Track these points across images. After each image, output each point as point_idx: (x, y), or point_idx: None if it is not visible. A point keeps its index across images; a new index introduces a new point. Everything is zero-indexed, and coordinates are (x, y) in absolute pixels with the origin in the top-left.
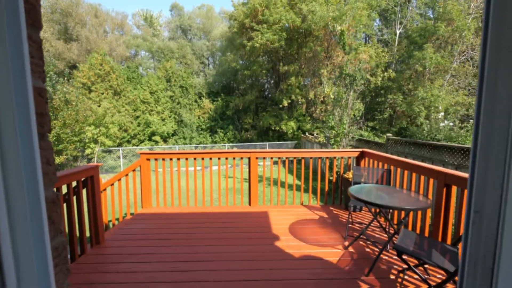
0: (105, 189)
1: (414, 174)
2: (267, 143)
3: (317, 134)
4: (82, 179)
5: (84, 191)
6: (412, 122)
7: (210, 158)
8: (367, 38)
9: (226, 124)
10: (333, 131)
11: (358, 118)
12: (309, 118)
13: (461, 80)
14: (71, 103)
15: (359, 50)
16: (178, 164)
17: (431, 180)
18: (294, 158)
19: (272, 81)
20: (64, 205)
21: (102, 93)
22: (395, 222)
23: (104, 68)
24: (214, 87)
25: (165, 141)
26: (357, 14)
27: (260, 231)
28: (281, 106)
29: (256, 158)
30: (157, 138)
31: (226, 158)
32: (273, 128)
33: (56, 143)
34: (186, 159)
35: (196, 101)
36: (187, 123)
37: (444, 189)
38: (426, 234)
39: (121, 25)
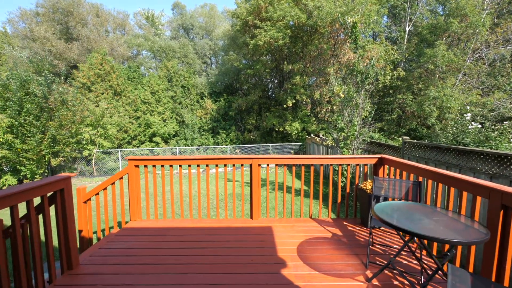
0: (89, 199)
1: (452, 189)
2: (270, 144)
3: (323, 135)
4: (49, 194)
5: (62, 204)
6: (422, 123)
7: (207, 165)
8: (375, 36)
9: (229, 125)
10: (343, 133)
11: (369, 119)
12: (314, 118)
13: (474, 79)
14: (67, 104)
15: (368, 47)
16: (171, 172)
17: (478, 199)
18: (302, 165)
19: (276, 81)
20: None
21: (102, 93)
22: (434, 251)
23: (104, 68)
24: (216, 87)
25: (166, 142)
26: (366, 9)
27: (263, 253)
28: (285, 106)
29: (259, 165)
30: (158, 139)
31: (225, 165)
32: (276, 129)
33: (52, 144)
34: (180, 165)
35: (198, 102)
36: (188, 124)
37: (501, 212)
38: (471, 268)
39: (122, 24)
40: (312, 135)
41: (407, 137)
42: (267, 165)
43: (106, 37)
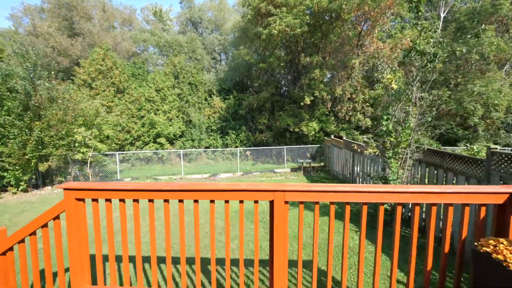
0: (11, 249)
1: None
2: (284, 146)
3: (365, 141)
4: None
5: None
6: (460, 123)
7: (195, 201)
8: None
9: (239, 125)
10: (391, 139)
11: (430, 119)
12: (333, 118)
13: None
14: (56, 101)
15: (404, 34)
16: (135, 210)
17: None
18: (365, 203)
19: (290, 77)
20: None
21: (104, 91)
22: None
23: (106, 64)
24: (225, 84)
25: (171, 143)
26: None
27: None
28: (302, 104)
29: (286, 202)
30: (162, 140)
31: (227, 201)
32: (291, 130)
33: (40, 148)
34: (151, 200)
35: (206, 99)
36: (195, 124)
37: None
38: None
39: (129, 20)
40: (332, 137)
41: (497, 147)
42: (301, 202)
43: (110, 31)
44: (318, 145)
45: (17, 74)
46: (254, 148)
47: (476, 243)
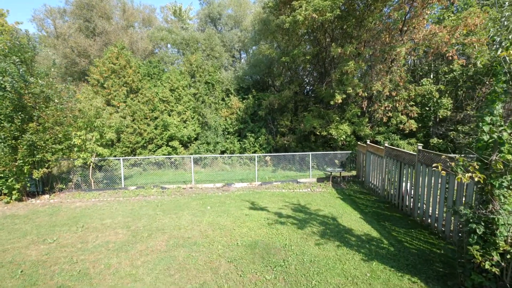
0: None
1: None
2: (309, 153)
3: (449, 157)
4: None
5: None
6: None
7: None
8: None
9: (258, 127)
10: (507, 155)
11: None
12: (367, 119)
13: None
14: (53, 100)
15: (469, 12)
16: None
17: None
18: None
19: (316, 73)
20: None
21: (116, 90)
22: None
23: (119, 63)
24: (244, 82)
25: (185, 146)
26: None
27: None
28: (332, 103)
29: None
30: (175, 143)
31: None
32: (318, 133)
33: (34, 152)
34: None
35: (223, 99)
36: (211, 126)
37: None
38: None
39: (148, 19)
40: (368, 142)
41: None
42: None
43: (126, 30)
44: (350, 152)
45: (3, 68)
46: (275, 154)
47: None
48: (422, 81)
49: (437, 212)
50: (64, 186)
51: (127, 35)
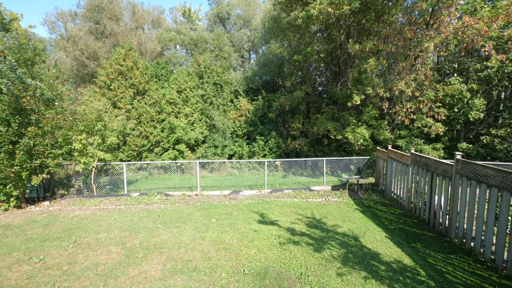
0: None
1: None
2: (324, 158)
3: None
4: None
5: None
6: None
7: None
8: None
9: (268, 130)
10: None
11: None
12: (386, 122)
13: None
14: (53, 102)
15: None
16: None
17: None
18: None
19: (330, 73)
20: None
21: (122, 92)
22: None
23: (126, 64)
24: (253, 83)
25: (192, 150)
26: None
27: None
28: (349, 104)
29: None
30: (182, 146)
31: None
32: (332, 136)
33: (34, 157)
34: None
35: (231, 101)
36: (219, 128)
37: None
38: None
39: (157, 20)
40: (390, 147)
41: None
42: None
43: (134, 31)
44: (367, 157)
45: (2, 71)
46: (286, 160)
47: None
48: (450, 80)
49: (482, 235)
50: (65, 192)
51: (136, 37)
